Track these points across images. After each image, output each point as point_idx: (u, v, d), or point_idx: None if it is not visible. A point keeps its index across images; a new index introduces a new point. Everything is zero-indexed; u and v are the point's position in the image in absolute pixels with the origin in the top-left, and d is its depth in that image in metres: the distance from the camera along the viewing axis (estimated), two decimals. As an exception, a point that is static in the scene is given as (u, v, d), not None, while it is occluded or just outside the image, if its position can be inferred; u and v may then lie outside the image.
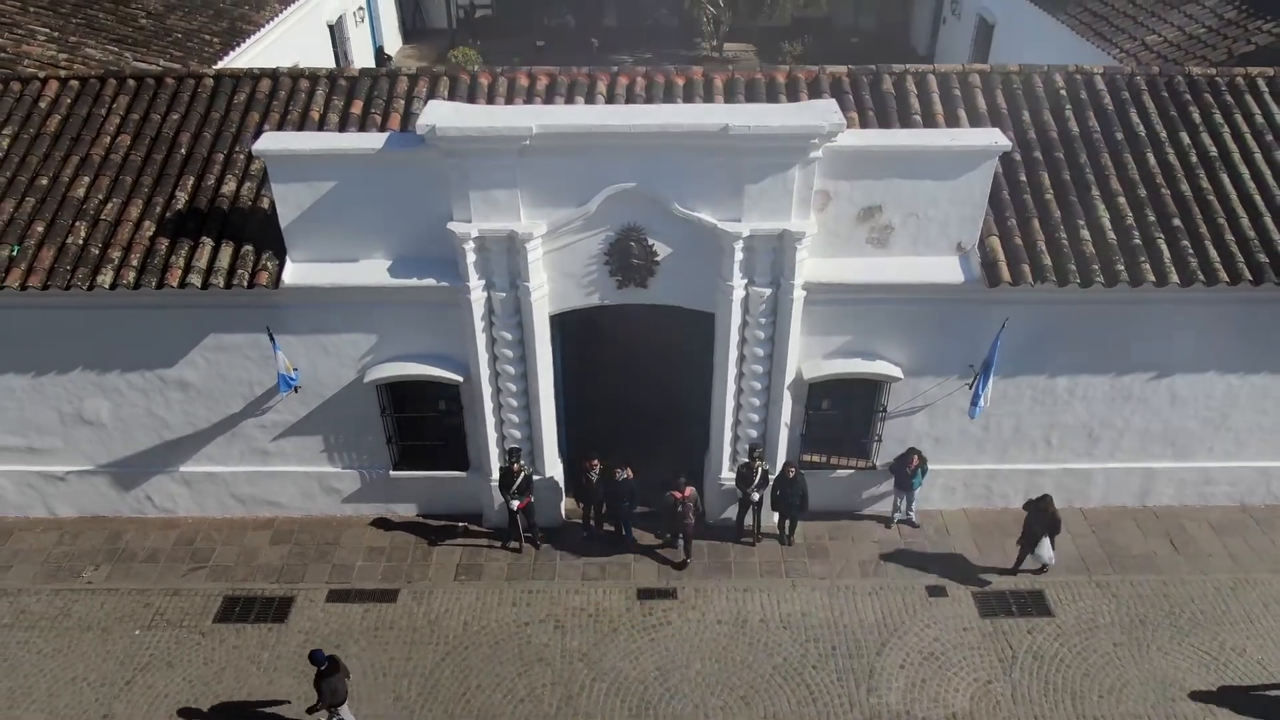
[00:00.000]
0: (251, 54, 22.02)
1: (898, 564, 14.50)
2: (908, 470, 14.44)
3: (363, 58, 31.50)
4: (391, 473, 14.97)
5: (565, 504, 15.25)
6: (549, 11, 36.54)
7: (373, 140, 12.26)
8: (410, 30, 37.13)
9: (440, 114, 11.68)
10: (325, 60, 28.18)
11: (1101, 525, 15.13)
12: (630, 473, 14.21)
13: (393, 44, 35.26)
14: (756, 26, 35.47)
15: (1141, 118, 14.47)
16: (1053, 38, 23.67)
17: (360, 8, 31.08)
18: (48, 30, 18.97)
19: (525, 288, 12.75)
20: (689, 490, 13.87)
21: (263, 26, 22.63)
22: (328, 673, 11.53)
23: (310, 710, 11.81)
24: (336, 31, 28.88)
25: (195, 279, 12.70)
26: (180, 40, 20.32)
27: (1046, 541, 13.68)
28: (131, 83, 15.00)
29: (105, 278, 12.72)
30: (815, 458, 14.87)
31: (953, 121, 14.21)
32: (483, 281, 12.79)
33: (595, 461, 14.24)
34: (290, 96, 14.75)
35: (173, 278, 12.71)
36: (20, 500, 15.33)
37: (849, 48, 35.49)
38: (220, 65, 20.16)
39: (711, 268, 12.70)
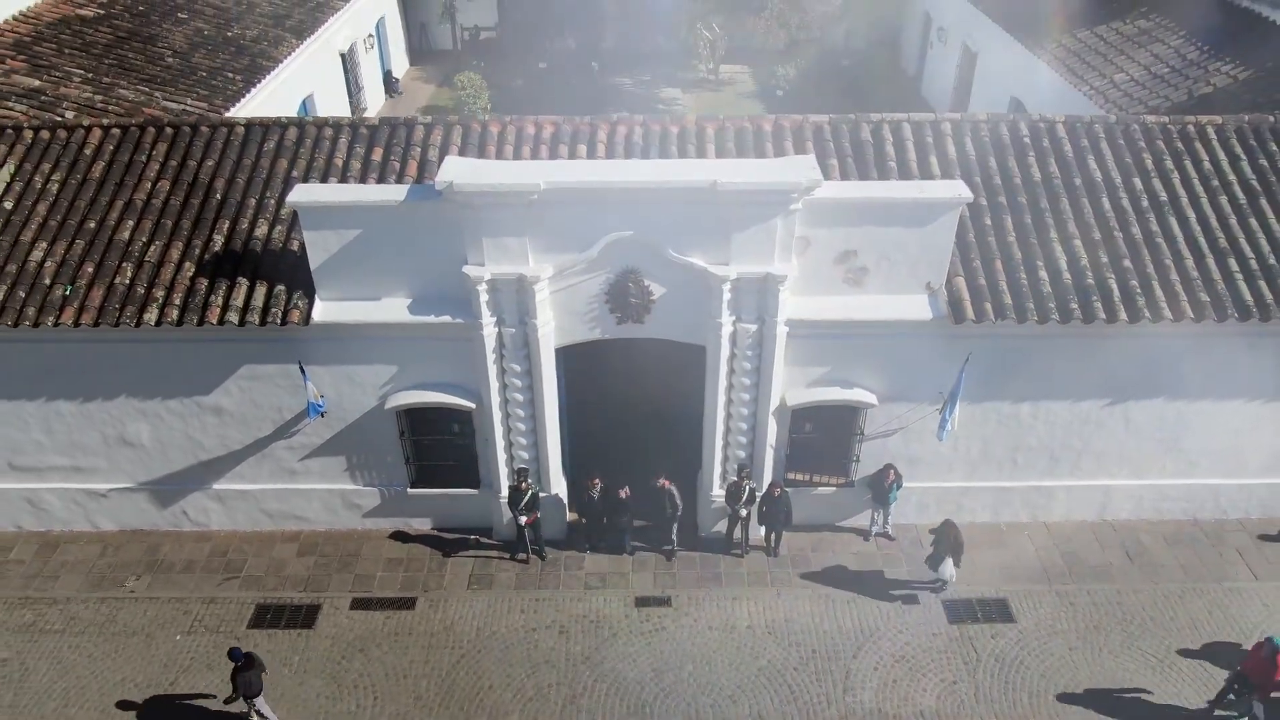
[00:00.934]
0: (271, 87, 23.26)
1: (874, 573, 15.78)
2: (884, 486, 15.72)
3: (372, 82, 32.79)
4: (409, 490, 16.25)
5: (569, 518, 16.52)
6: (551, 34, 37.69)
7: (395, 192, 13.53)
8: (417, 52, 38.37)
9: (457, 171, 12.95)
10: (338, 86, 29.47)
11: (1063, 538, 16.40)
12: (628, 490, 15.50)
13: (400, 67, 36.53)
14: (752, 48, 36.71)
15: (1098, 163, 15.74)
16: (1030, 70, 24.89)
17: (370, 35, 32.35)
18: (82, 72, 20.25)
19: (533, 324, 14.02)
20: (665, 482, 15.26)
21: (280, 62, 23.86)
22: (244, 668, 12.83)
23: (227, 700, 13.12)
24: (348, 59, 30.14)
25: (233, 316, 13.97)
26: (205, 79, 21.56)
27: (949, 560, 14.81)
28: (169, 130, 16.28)
29: (151, 316, 13.99)
30: (798, 476, 16.16)
31: (925, 167, 15.50)
32: (494, 318, 14.06)
33: (597, 480, 15.54)
34: (315, 144, 16.02)
35: (212, 315, 13.97)
36: (66, 515, 16.60)
37: (840, 70, 36.76)
38: (242, 101, 21.43)
39: (702, 306, 13.96)
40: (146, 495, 16.35)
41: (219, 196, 15.36)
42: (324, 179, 15.45)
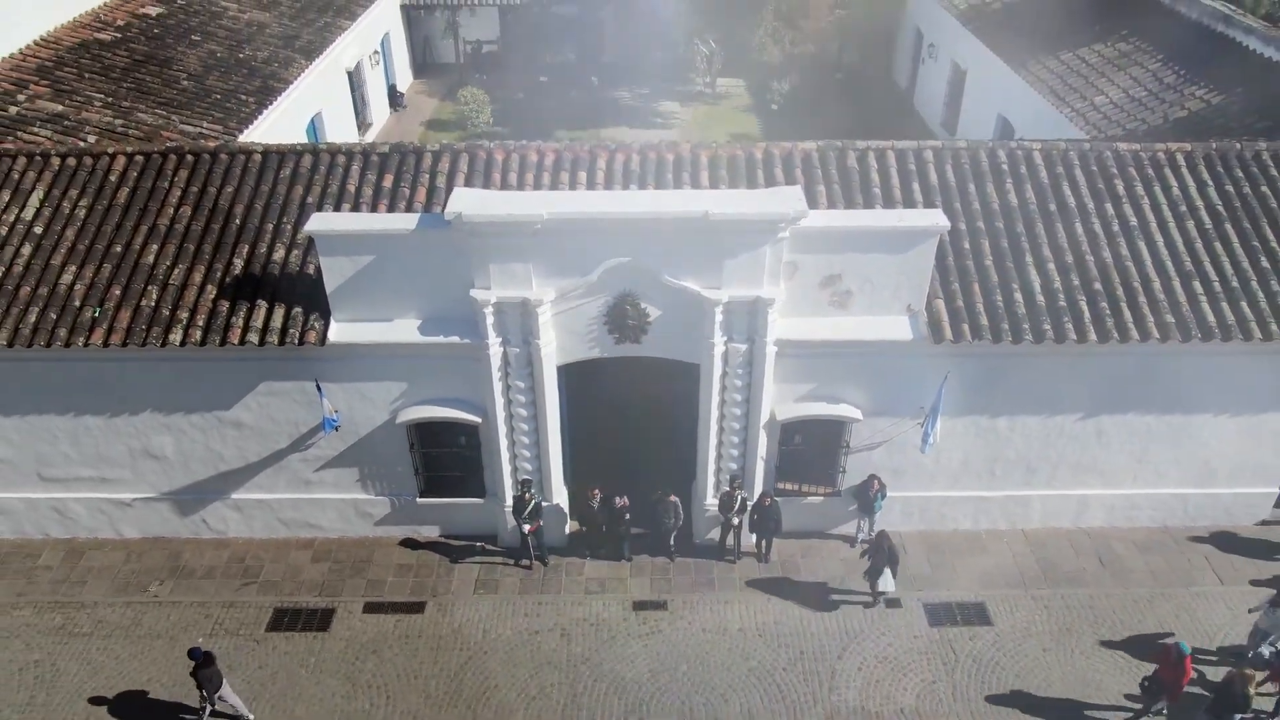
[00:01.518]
0: (282, 108, 24.08)
1: (860, 578, 16.58)
2: (869, 496, 16.56)
3: (378, 97, 33.61)
4: (418, 499, 17.10)
5: (570, 527, 17.38)
6: (551, 48, 38.61)
7: (406, 221, 14.38)
8: (420, 65, 39.20)
9: (465, 202, 13.79)
10: (345, 103, 30.29)
11: (1039, 545, 17.26)
12: (626, 500, 16.36)
13: (404, 80, 37.35)
14: (748, 62, 37.52)
15: (1072, 190, 16.59)
16: (1016, 90, 25.75)
17: (375, 52, 33.17)
18: (103, 96, 21.10)
19: (536, 344, 14.86)
20: (671, 498, 16.14)
21: (291, 83, 24.69)
22: (203, 665, 13.71)
23: (201, 701, 14.01)
24: (354, 76, 30.96)
25: (253, 337, 14.82)
26: (219, 101, 22.39)
27: (887, 572, 15.55)
28: (190, 157, 17.12)
29: (176, 336, 14.83)
30: (788, 486, 17.01)
31: (908, 194, 16.36)
32: (499, 339, 14.91)
33: (597, 490, 16.40)
34: (329, 170, 16.87)
35: (234, 336, 14.82)
36: (92, 523, 17.44)
37: (834, 83, 37.63)
38: (255, 123, 22.27)
39: (696, 327, 14.81)
40: (169, 504, 17.20)
41: (238, 222, 16.20)
42: (337, 204, 16.31)
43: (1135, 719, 14.31)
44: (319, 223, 14.32)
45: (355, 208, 16.27)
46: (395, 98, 35.46)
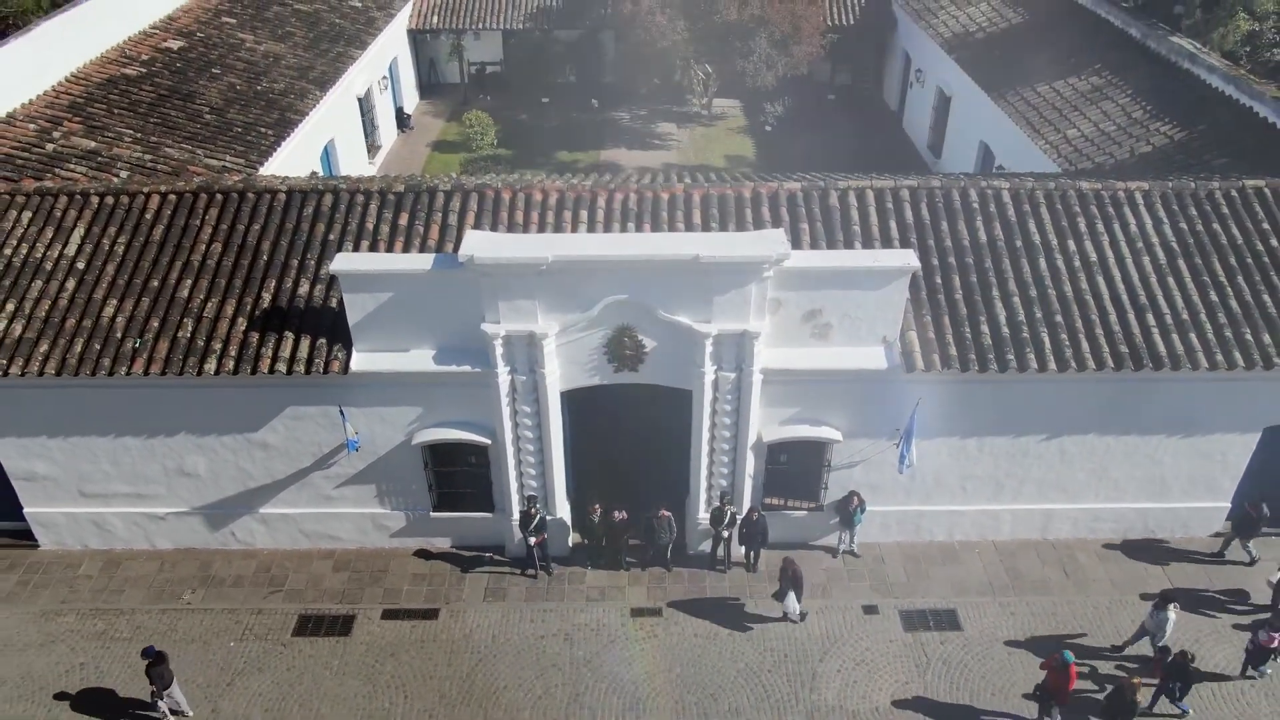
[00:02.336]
0: (298, 138, 25.40)
1: (840, 587, 17.96)
2: (849, 510, 17.89)
3: (386, 120, 34.96)
4: (431, 513, 18.43)
5: (572, 539, 18.70)
6: (553, 70, 39.93)
7: (423, 261, 15.68)
8: (426, 86, 40.54)
9: (477, 244, 15.10)
10: (355, 128, 31.63)
11: (1008, 555, 18.58)
12: (625, 514, 17.69)
13: (410, 101, 38.69)
14: (742, 85, 38.80)
15: (1038, 227, 17.91)
16: (995, 120, 27.09)
17: (384, 77, 34.51)
18: (132, 131, 22.41)
19: (541, 373, 16.18)
20: (664, 513, 17.51)
21: (306, 114, 26.02)
22: (156, 663, 15.06)
23: (152, 696, 15.23)
24: (364, 102, 32.30)
25: (281, 366, 16.14)
26: (240, 134, 23.72)
27: (791, 595, 16.76)
28: (219, 196, 18.45)
29: (210, 365, 16.16)
30: (774, 500, 18.34)
31: (885, 231, 17.68)
32: (508, 368, 16.22)
33: (597, 506, 17.73)
34: (349, 209, 18.18)
35: (264, 365, 16.14)
36: (128, 535, 18.77)
37: (827, 104, 39.01)
38: (274, 155, 23.59)
39: (688, 357, 16.12)
40: (200, 518, 18.52)
41: (265, 257, 17.52)
42: (356, 241, 17.64)
43: None
44: (343, 263, 15.64)
45: (373, 244, 17.60)
46: (402, 120, 36.80)
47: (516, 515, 17.90)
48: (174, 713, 15.62)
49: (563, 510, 18.26)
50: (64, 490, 18.16)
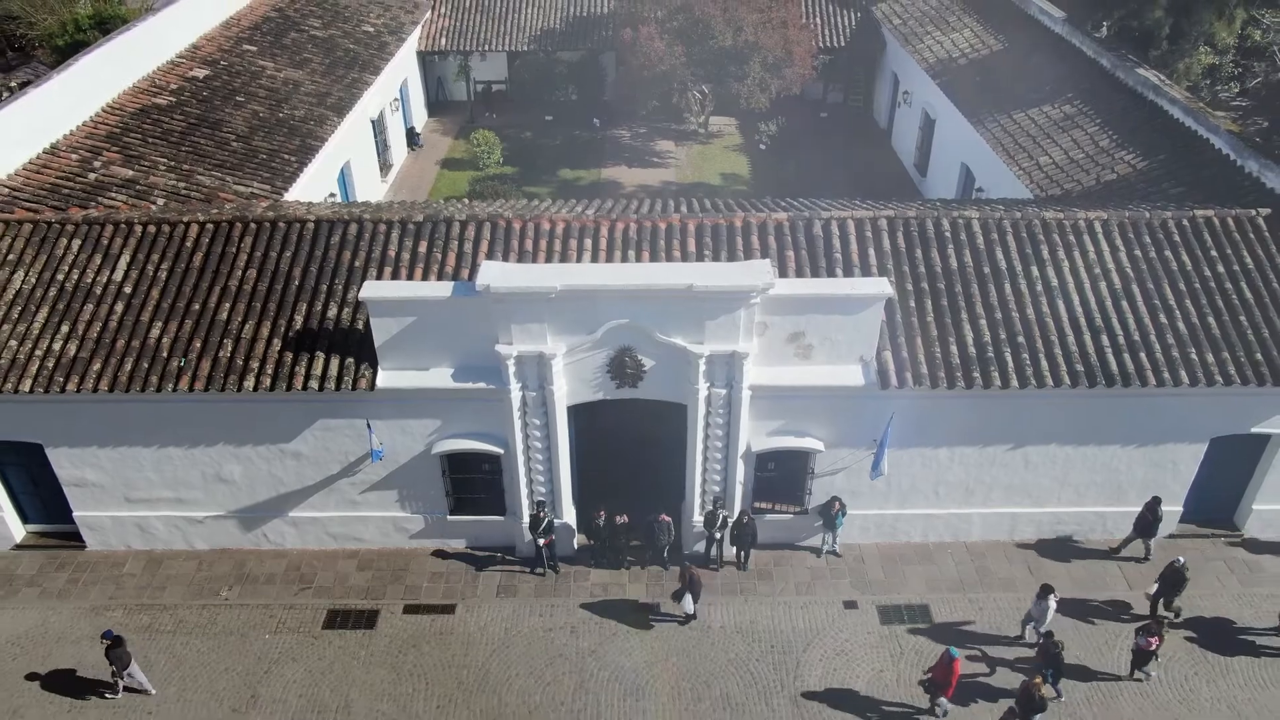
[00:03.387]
0: (318, 162, 27.01)
1: (823, 584, 19.58)
2: (831, 514, 19.51)
3: (397, 140, 36.60)
4: (448, 516, 20.06)
5: (577, 540, 20.33)
6: (556, 89, 41.55)
7: (443, 289, 17.32)
8: (434, 104, 42.14)
9: (492, 275, 16.73)
10: (369, 149, 33.26)
11: (978, 555, 20.21)
12: (626, 518, 19.31)
13: (419, 119, 40.31)
14: (737, 105, 40.40)
15: (1004, 254, 19.53)
16: (974, 144, 28.71)
17: (395, 99, 36.13)
18: (166, 160, 24.01)
19: (550, 389, 17.81)
20: (664, 518, 19.12)
21: (326, 140, 27.64)
22: (115, 645, 16.75)
23: (112, 676, 16.97)
24: (377, 124, 33.92)
25: (313, 384, 17.77)
26: (265, 161, 25.31)
27: (688, 596, 18.28)
28: (253, 225, 20.06)
29: (249, 383, 17.78)
30: (763, 505, 19.95)
31: (864, 258, 19.30)
32: (519, 385, 17.85)
33: (601, 511, 19.34)
34: (372, 237, 19.80)
35: (297, 383, 17.76)
36: (168, 537, 20.39)
37: (819, 122, 40.65)
38: (298, 181, 25.20)
39: (683, 375, 17.75)
40: (235, 521, 20.15)
41: (296, 283, 19.14)
42: (380, 268, 19.26)
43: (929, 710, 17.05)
44: (370, 290, 17.28)
45: (395, 270, 19.22)
46: (412, 138, 38.43)
47: (526, 518, 19.52)
48: (136, 690, 17.36)
49: (569, 514, 19.88)
50: (111, 495, 19.78)
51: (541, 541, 19.28)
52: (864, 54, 40.42)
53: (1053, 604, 17.57)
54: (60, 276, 19.28)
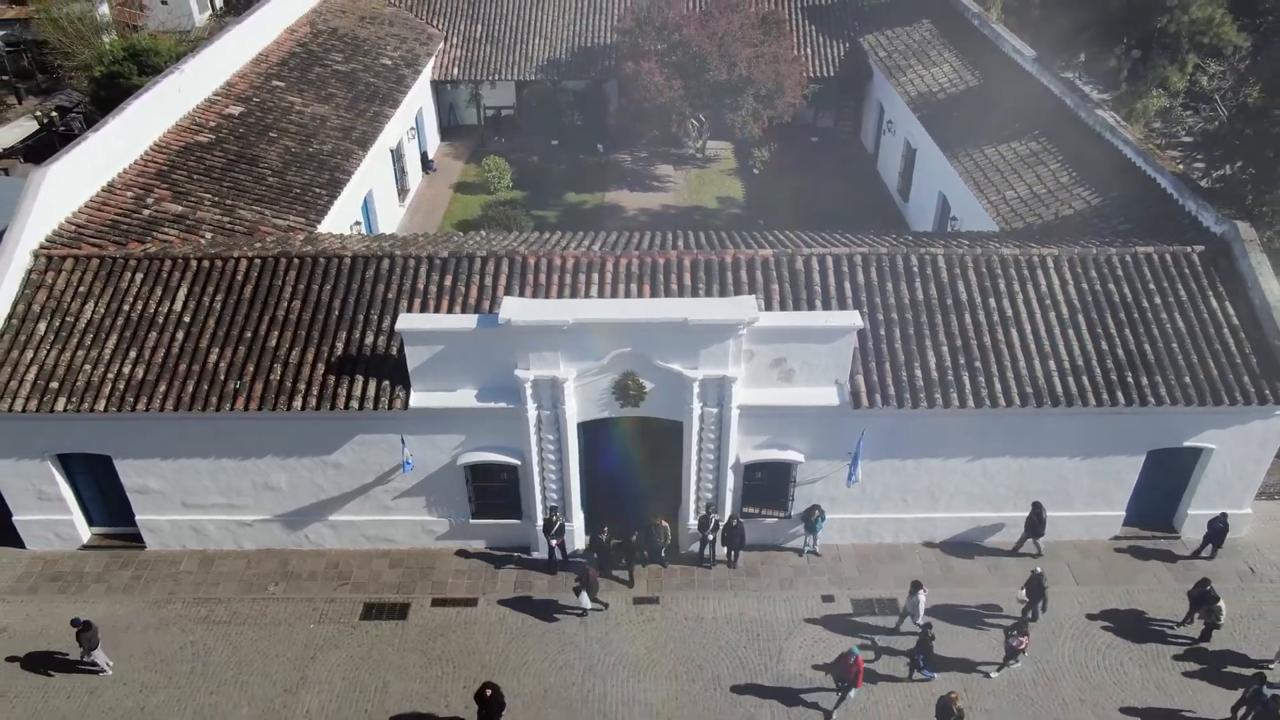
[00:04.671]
0: (345, 194, 29.43)
1: (804, 580, 22.00)
2: (812, 518, 21.93)
3: (413, 166, 39.03)
4: (470, 520, 22.49)
5: (583, 541, 22.74)
6: (561, 115, 43.95)
7: (468, 321, 19.74)
8: (446, 129, 44.56)
9: (513, 309, 19.15)
10: (389, 177, 35.69)
11: (943, 555, 22.62)
12: (637, 535, 21.68)
13: (432, 144, 42.74)
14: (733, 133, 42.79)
15: (965, 286, 21.94)
16: (949, 175, 31.12)
17: (411, 128, 38.57)
18: (210, 196, 26.42)
19: (562, 408, 20.23)
20: (663, 522, 21.51)
21: (352, 174, 30.07)
22: (84, 630, 19.22)
23: (81, 657, 19.47)
24: (395, 152, 36.36)
25: (354, 404, 20.20)
26: (299, 195, 27.74)
27: (584, 594, 20.58)
28: (296, 260, 22.48)
29: (297, 403, 20.21)
30: (751, 510, 22.39)
31: (840, 291, 21.72)
32: (535, 404, 20.27)
33: (606, 529, 21.65)
34: (403, 271, 22.22)
35: (340, 403, 20.20)
36: (219, 538, 22.81)
37: (810, 146, 43.08)
38: (329, 213, 27.62)
39: (680, 396, 20.17)
40: (280, 524, 22.57)
41: (337, 313, 21.57)
42: (410, 300, 21.67)
43: (837, 704, 19.06)
44: (405, 322, 19.71)
45: (424, 302, 21.64)
46: (427, 163, 40.87)
47: (540, 522, 21.93)
48: (94, 670, 19.96)
49: (578, 518, 22.31)
50: (170, 501, 22.21)
51: (554, 542, 21.70)
52: (852, 82, 42.83)
53: (923, 598, 19.96)
54: (126, 307, 21.70)
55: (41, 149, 41.29)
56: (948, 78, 35.75)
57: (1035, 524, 21.88)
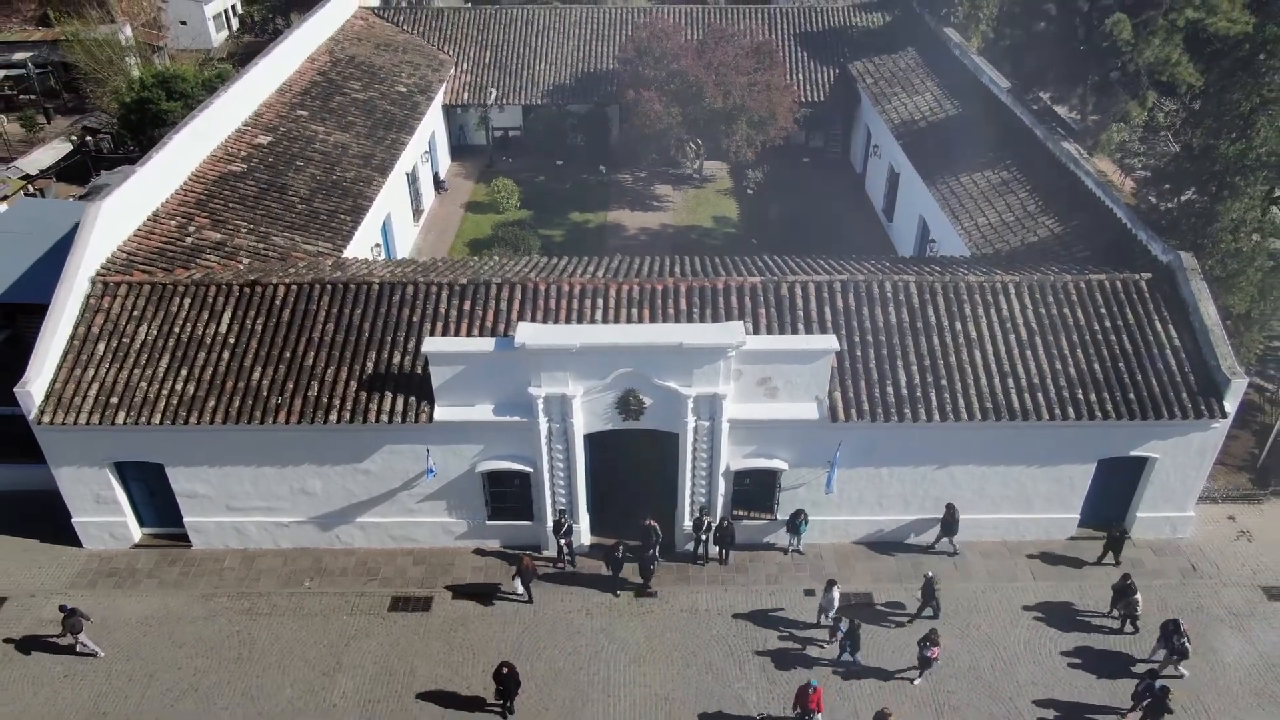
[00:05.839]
0: (367, 219, 31.78)
1: (788, 576, 24.34)
2: (796, 520, 24.27)
3: (427, 186, 41.40)
4: (487, 521, 24.84)
5: (589, 540, 25.08)
6: (566, 135, 46.29)
7: (487, 344, 22.07)
8: (456, 149, 46.90)
9: (527, 334, 21.49)
10: (405, 198, 38.05)
11: (914, 555, 24.94)
12: (655, 551, 23.95)
13: (444, 164, 45.08)
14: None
15: (934, 311, 24.28)
16: (928, 201, 33.46)
17: (425, 152, 40.92)
18: (245, 223, 28.78)
19: (570, 422, 22.58)
20: (651, 521, 23.81)
21: (373, 200, 32.43)
22: (70, 615, 21.54)
23: (63, 635, 21.81)
24: (411, 176, 38.71)
25: (384, 417, 22.55)
26: (326, 221, 30.10)
27: (519, 580, 23.04)
28: (329, 286, 24.82)
29: (333, 417, 22.56)
30: (740, 512, 24.74)
31: (821, 315, 24.06)
32: (546, 418, 22.61)
33: (620, 545, 23.88)
34: (426, 296, 24.56)
35: (371, 417, 22.55)
36: (259, 538, 25.16)
37: (801, 167, 45.44)
38: (353, 239, 29.97)
39: (676, 410, 22.50)
40: (314, 525, 24.92)
41: (367, 335, 23.91)
42: (433, 323, 24.00)
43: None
44: (431, 345, 22.05)
45: (445, 325, 23.96)
46: (439, 183, 43.22)
47: (550, 523, 24.29)
48: (89, 653, 22.27)
49: (584, 520, 24.67)
50: (215, 505, 24.55)
51: (562, 541, 24.05)
52: (842, 106, 45.16)
53: (836, 595, 22.21)
54: (176, 329, 24.05)
55: (73, 169, 43.73)
56: (929, 106, 38.08)
57: (949, 523, 24.23)
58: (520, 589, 23.42)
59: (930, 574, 22.92)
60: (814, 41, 46.31)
